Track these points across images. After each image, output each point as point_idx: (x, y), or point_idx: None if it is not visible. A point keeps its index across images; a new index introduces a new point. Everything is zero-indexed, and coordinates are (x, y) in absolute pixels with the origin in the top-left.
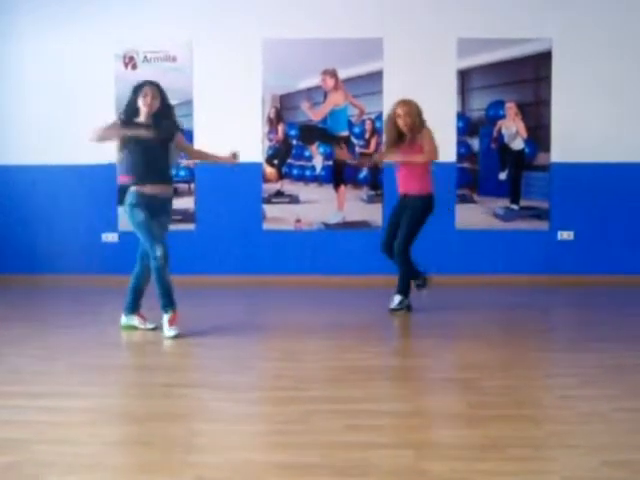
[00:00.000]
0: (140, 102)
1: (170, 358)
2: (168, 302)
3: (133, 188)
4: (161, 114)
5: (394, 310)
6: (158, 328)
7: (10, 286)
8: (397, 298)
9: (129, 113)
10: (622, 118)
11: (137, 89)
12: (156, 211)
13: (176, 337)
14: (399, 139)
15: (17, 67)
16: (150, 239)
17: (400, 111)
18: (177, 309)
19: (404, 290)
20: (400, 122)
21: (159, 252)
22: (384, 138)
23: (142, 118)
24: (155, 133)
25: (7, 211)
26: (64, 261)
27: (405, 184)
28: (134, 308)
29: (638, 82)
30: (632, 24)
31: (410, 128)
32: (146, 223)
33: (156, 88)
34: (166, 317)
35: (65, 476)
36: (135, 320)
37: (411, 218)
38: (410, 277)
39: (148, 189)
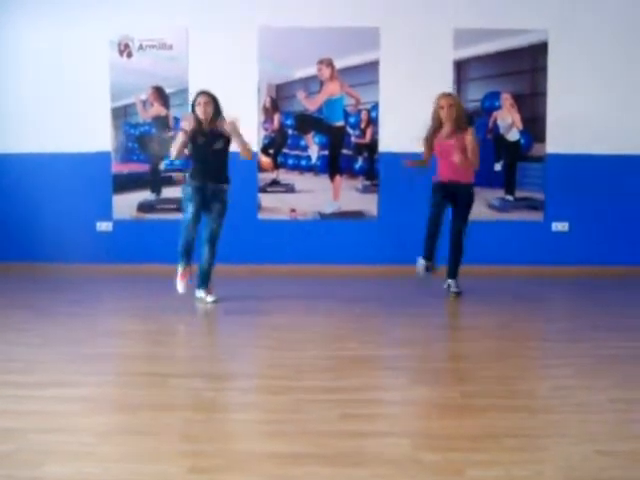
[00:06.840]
0: (197, 111)
1: (164, 347)
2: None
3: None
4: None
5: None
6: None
7: (4, 274)
8: (454, 282)
9: (196, 121)
10: (618, 109)
11: (194, 100)
12: (207, 198)
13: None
14: (438, 129)
15: (12, 54)
16: (184, 210)
17: (443, 103)
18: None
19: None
20: (442, 113)
21: (187, 215)
22: (429, 128)
23: (203, 125)
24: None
25: (1, 199)
26: (58, 250)
27: (457, 173)
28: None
29: (634, 73)
30: (629, 15)
31: (454, 119)
32: (186, 202)
33: (207, 95)
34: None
35: (61, 465)
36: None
37: (468, 204)
38: (461, 259)
39: (195, 182)
